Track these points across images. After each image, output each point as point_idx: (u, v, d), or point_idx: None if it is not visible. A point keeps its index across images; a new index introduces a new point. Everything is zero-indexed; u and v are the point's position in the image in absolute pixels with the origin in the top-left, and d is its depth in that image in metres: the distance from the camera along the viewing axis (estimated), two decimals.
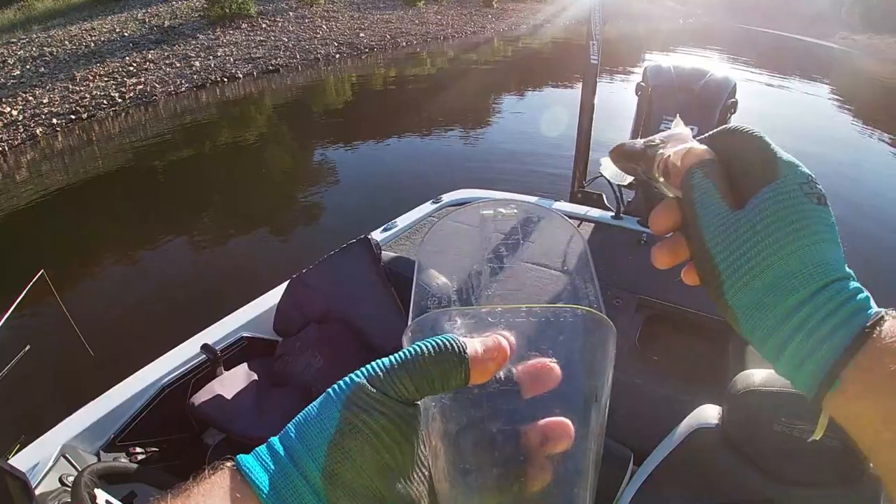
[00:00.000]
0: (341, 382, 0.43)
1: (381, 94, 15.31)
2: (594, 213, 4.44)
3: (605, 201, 4.79)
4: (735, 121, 3.95)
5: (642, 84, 4.09)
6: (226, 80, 15.19)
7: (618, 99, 11.26)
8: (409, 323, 0.51)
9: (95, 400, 2.26)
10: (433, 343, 0.43)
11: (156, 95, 13.58)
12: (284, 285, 2.70)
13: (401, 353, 0.43)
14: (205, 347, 2.41)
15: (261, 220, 7.53)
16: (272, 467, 0.41)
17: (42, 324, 5.17)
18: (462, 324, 0.47)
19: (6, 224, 8.02)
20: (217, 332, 2.62)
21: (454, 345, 0.43)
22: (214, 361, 2.39)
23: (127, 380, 2.37)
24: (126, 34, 18.80)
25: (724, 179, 0.51)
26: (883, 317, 0.43)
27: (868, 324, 0.43)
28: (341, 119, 13.08)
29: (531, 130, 11.77)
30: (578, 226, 4.73)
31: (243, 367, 2.41)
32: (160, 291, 5.98)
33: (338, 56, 18.94)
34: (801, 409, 1.52)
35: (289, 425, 0.44)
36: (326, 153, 10.77)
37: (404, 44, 22.13)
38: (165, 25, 19.93)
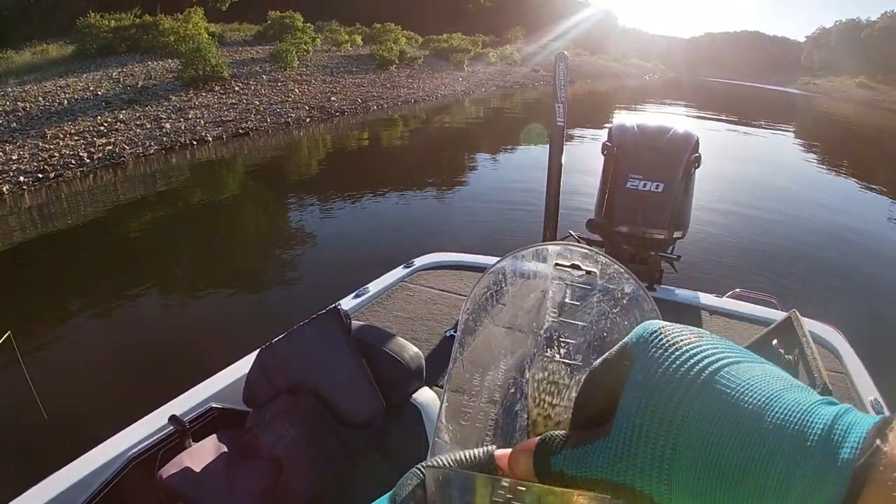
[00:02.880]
0: None
1: (353, 157, 15.48)
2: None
3: None
4: (699, 175, 4.07)
5: (608, 143, 4.17)
6: (195, 143, 15.24)
7: (586, 157, 11.52)
8: (435, 440, 0.49)
9: (59, 471, 2.18)
10: None
11: (124, 157, 13.56)
12: (254, 354, 2.64)
13: None
14: (173, 419, 2.36)
15: (231, 285, 7.48)
16: None
17: (5, 388, 5.07)
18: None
19: None
20: (185, 403, 2.58)
21: None
22: (183, 433, 2.35)
23: (93, 450, 2.28)
24: (100, 93, 18.87)
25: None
26: (885, 431, 0.31)
27: (861, 452, 0.31)
28: (312, 182, 13.18)
29: (502, 191, 12.02)
30: None
31: (213, 439, 2.38)
32: (128, 356, 5.86)
33: (308, 120, 19.17)
34: None
35: None
36: (298, 216, 10.82)
37: (375, 107, 22.48)
38: (139, 86, 20.03)
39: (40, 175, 11.94)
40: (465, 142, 18.06)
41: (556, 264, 0.52)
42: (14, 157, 12.72)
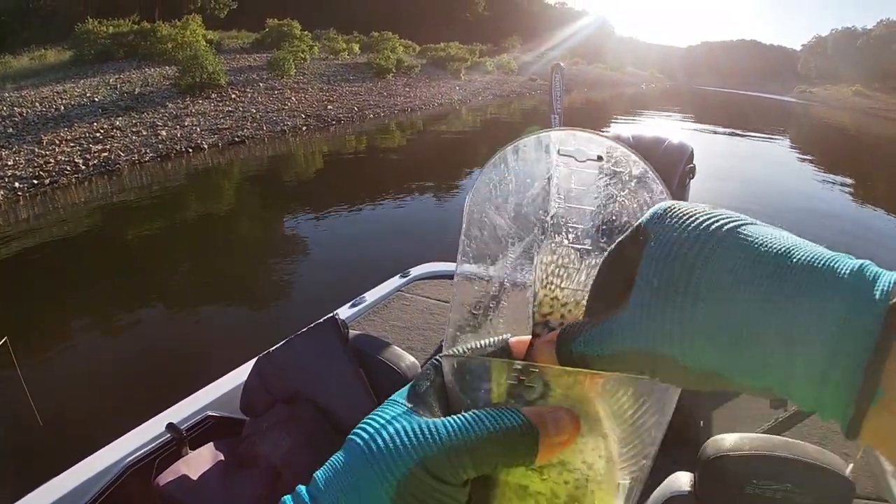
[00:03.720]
0: (389, 446, 0.37)
1: (349, 165, 15.45)
2: None
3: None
4: (693, 186, 4.07)
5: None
6: (191, 150, 15.24)
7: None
8: (450, 332, 0.50)
9: (56, 478, 2.19)
10: (502, 424, 0.39)
11: (119, 164, 13.56)
12: (252, 363, 2.65)
13: (461, 426, 0.38)
14: (170, 427, 2.37)
15: (228, 293, 7.47)
16: None
17: (4, 394, 5.06)
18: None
19: None
20: (182, 411, 2.58)
21: (526, 429, 0.39)
22: (180, 441, 2.35)
23: (89, 458, 2.30)
24: (96, 99, 18.85)
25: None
26: None
27: (891, 296, 0.30)
28: (308, 191, 13.17)
29: None
30: None
31: (210, 447, 2.38)
32: (124, 363, 5.85)
33: (304, 128, 19.20)
34: (773, 471, 1.57)
35: (321, 485, 0.38)
36: (294, 224, 10.83)
37: (372, 116, 22.50)
38: (136, 92, 20.03)
39: (35, 181, 11.94)
40: (462, 150, 18.08)
41: (560, 151, 0.51)
42: (10, 163, 12.74)
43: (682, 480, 1.81)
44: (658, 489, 1.84)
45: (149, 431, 2.43)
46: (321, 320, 2.65)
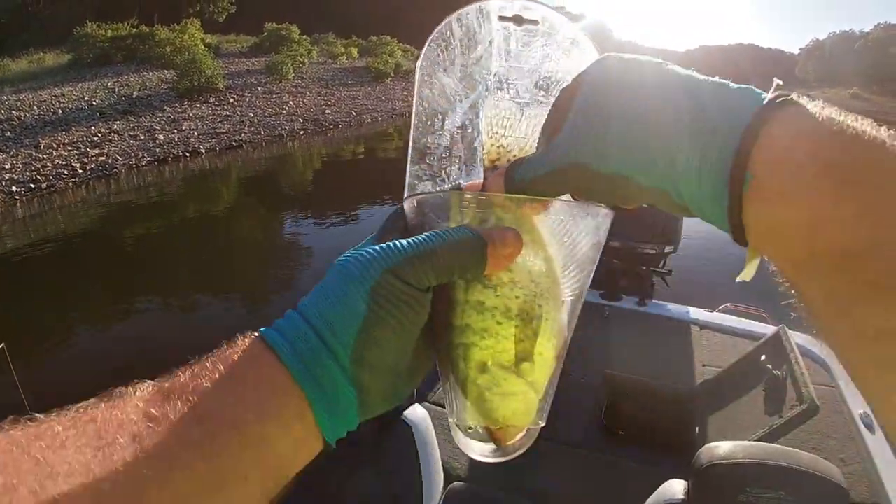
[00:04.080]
0: (361, 261, 0.44)
1: (347, 169, 15.45)
2: None
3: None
4: None
5: None
6: (188, 154, 15.24)
7: None
8: (408, 182, 0.56)
9: None
10: (455, 236, 0.45)
11: (117, 168, 13.56)
12: None
13: (420, 241, 0.44)
14: None
15: (227, 298, 7.45)
16: (304, 351, 0.42)
17: (3, 402, 5.03)
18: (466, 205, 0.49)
19: None
20: None
21: (475, 240, 0.45)
22: None
23: None
24: (94, 103, 18.90)
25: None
26: (790, 95, 0.36)
27: (772, 97, 0.36)
28: (307, 194, 13.16)
29: None
30: None
31: None
32: (123, 369, 5.73)
33: (302, 132, 19.19)
34: (767, 478, 1.56)
35: (307, 304, 0.45)
36: (293, 227, 10.82)
37: (370, 120, 22.50)
38: (134, 96, 20.05)
39: (32, 185, 11.94)
40: None
41: (500, 17, 0.55)
42: (7, 167, 12.73)
43: (675, 488, 1.80)
44: (652, 497, 1.83)
45: None
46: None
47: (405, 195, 0.54)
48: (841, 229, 0.32)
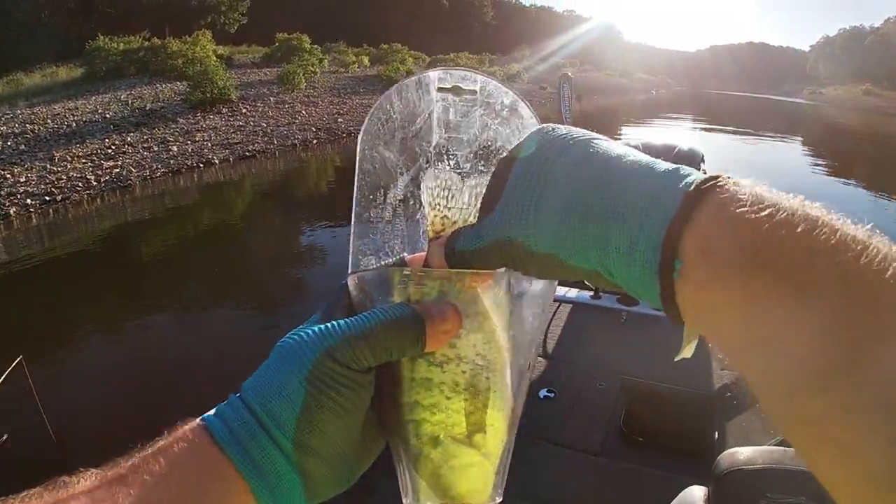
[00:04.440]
0: (299, 343, 0.45)
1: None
2: (572, 292, 4.46)
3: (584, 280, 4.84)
4: None
5: None
6: (202, 165, 15.26)
7: None
8: (352, 258, 0.56)
9: None
10: (392, 314, 0.45)
11: (131, 180, 13.59)
12: None
13: (357, 321, 0.45)
14: None
15: (243, 308, 7.46)
16: (245, 438, 0.43)
17: (21, 412, 5.04)
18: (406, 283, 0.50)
19: None
20: None
21: (413, 318, 0.46)
22: None
23: None
24: (108, 115, 18.98)
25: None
26: (719, 176, 0.35)
27: (700, 182, 0.35)
28: (320, 203, 13.17)
29: None
30: (557, 308, 4.74)
31: None
32: (139, 380, 5.85)
33: (315, 141, 19.22)
34: (788, 483, 1.53)
35: (248, 389, 0.46)
36: (308, 236, 10.81)
37: None
38: (147, 108, 20.15)
39: (47, 197, 11.99)
40: None
41: (439, 88, 0.57)
42: (22, 180, 12.80)
43: (696, 494, 1.78)
44: (672, 503, 1.82)
45: None
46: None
47: (349, 271, 0.54)
48: (767, 314, 0.31)
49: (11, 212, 11.12)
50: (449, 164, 0.56)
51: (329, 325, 0.45)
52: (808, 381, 0.29)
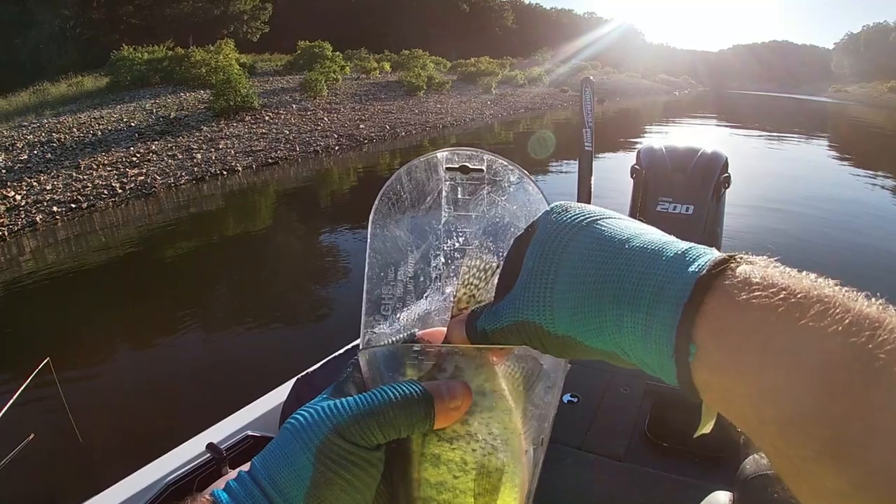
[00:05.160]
0: (308, 421, 0.45)
1: (384, 181, 15.46)
2: None
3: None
4: (729, 195, 4.02)
5: (636, 167, 4.10)
6: (225, 172, 15.37)
7: (615, 180, 11.29)
8: (363, 334, 0.58)
9: (98, 496, 2.21)
10: (400, 392, 0.46)
11: (156, 187, 13.72)
12: (290, 383, 2.68)
13: (366, 398, 0.46)
14: (210, 447, 2.36)
15: (266, 314, 7.46)
16: None
17: (47, 413, 5.11)
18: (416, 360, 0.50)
19: (13, 308, 8.11)
20: (222, 431, 2.60)
21: (421, 396, 0.46)
22: (220, 461, 2.34)
23: (131, 476, 2.32)
24: (133, 124, 19.21)
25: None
26: (732, 258, 0.36)
27: (711, 265, 0.35)
28: (343, 210, 13.17)
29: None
30: None
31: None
32: (164, 384, 5.90)
33: (337, 148, 19.32)
34: None
35: (258, 465, 0.45)
36: (331, 244, 10.84)
37: (404, 133, 22.61)
38: (171, 116, 20.39)
39: (73, 205, 12.13)
40: None
41: (447, 168, 0.59)
42: (48, 188, 12.97)
43: (720, 499, 1.76)
44: None
45: (189, 451, 2.45)
46: (359, 341, 2.60)
47: (360, 348, 0.55)
48: (784, 400, 0.31)
49: (38, 219, 11.25)
50: (457, 242, 0.59)
51: (338, 402, 0.46)
52: (823, 461, 0.30)
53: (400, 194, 0.60)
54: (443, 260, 0.58)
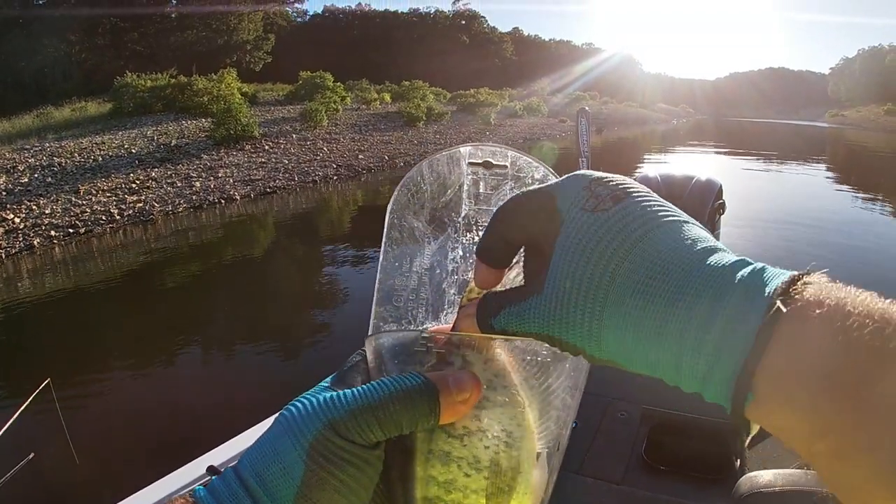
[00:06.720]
0: (301, 413, 0.41)
1: (378, 211, 15.51)
2: None
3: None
4: (723, 222, 4.08)
5: None
6: (223, 201, 15.46)
7: None
8: (373, 323, 0.54)
9: None
10: (402, 385, 0.42)
11: (153, 214, 13.81)
12: None
13: (366, 391, 0.41)
14: (210, 469, 2.35)
15: (266, 339, 7.49)
16: None
17: (47, 433, 5.14)
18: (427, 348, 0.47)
19: (15, 328, 8.18)
20: (223, 454, 2.58)
21: (425, 389, 0.42)
22: None
23: (129, 498, 2.32)
24: (133, 150, 19.32)
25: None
26: (798, 278, 0.33)
27: (777, 295, 0.32)
28: (340, 238, 13.23)
29: None
30: None
31: None
32: (163, 407, 5.92)
33: (336, 177, 19.43)
34: None
35: (245, 461, 0.42)
36: (329, 272, 10.92)
37: (402, 164, 22.66)
38: (172, 144, 20.51)
39: (71, 230, 12.23)
40: None
41: (470, 163, 0.57)
42: (47, 212, 13.06)
43: None
44: None
45: (189, 474, 2.42)
46: (357, 353, 2.66)
47: (368, 335, 0.51)
48: (839, 439, 0.30)
49: (35, 243, 11.36)
50: (477, 235, 0.55)
51: (334, 394, 0.42)
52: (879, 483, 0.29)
53: (420, 186, 0.57)
54: (461, 253, 0.55)
